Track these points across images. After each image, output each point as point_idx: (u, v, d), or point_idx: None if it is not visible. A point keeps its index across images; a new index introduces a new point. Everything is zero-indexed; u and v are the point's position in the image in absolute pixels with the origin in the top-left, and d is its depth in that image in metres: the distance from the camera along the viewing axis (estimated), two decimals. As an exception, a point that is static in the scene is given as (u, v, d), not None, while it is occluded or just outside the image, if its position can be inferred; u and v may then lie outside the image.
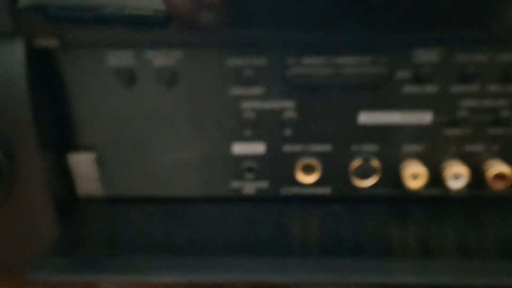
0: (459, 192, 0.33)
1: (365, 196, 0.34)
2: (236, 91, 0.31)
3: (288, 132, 0.32)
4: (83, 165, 0.34)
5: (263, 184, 0.34)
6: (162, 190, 0.34)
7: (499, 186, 0.32)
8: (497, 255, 0.30)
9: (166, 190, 0.34)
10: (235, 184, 0.34)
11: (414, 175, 0.32)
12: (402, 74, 0.30)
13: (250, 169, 0.33)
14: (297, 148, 0.32)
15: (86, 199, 0.35)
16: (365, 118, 0.31)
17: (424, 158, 0.32)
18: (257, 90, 0.31)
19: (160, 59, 0.30)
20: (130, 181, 0.34)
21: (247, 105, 0.31)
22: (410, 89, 0.30)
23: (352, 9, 0.28)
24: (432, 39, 0.29)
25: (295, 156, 0.33)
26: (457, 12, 0.28)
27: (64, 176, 0.34)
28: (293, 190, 0.34)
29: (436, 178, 0.33)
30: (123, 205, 0.35)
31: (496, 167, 0.31)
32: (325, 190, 0.34)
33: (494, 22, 0.28)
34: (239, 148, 0.33)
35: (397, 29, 0.28)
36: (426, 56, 0.29)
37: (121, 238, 0.32)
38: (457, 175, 0.32)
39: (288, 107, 0.31)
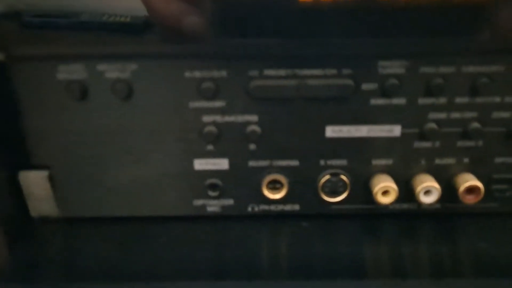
0: (431, 206, 0.33)
1: (335, 212, 0.33)
2: (196, 104, 0.29)
3: (252, 147, 0.30)
4: (35, 184, 0.32)
5: (228, 202, 0.32)
6: (121, 210, 0.32)
7: (470, 200, 0.31)
8: (471, 273, 0.29)
9: (125, 209, 0.32)
10: (198, 202, 0.32)
11: (384, 190, 0.31)
12: (368, 86, 0.29)
13: (213, 186, 0.31)
14: (262, 163, 0.31)
15: (40, 220, 0.33)
16: (332, 132, 0.30)
17: (394, 173, 0.31)
18: (218, 103, 0.29)
19: (114, 71, 0.28)
20: (87, 200, 0.32)
21: (208, 119, 0.29)
22: (378, 101, 0.29)
23: (315, 20, 0.27)
24: (398, 51, 0.28)
25: (260, 171, 0.31)
26: (422, 25, 0.27)
27: (15, 196, 0.32)
28: (260, 207, 0.32)
29: (407, 193, 0.32)
30: (80, 226, 0.33)
31: (467, 181, 0.30)
32: (293, 207, 0.32)
33: (460, 34, 0.27)
34: (201, 164, 0.31)
35: (362, 41, 0.28)
36: (392, 68, 0.28)
37: (77, 262, 0.30)
38: (428, 190, 0.31)
39: (251, 120, 0.30)
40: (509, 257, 0.29)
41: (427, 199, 0.31)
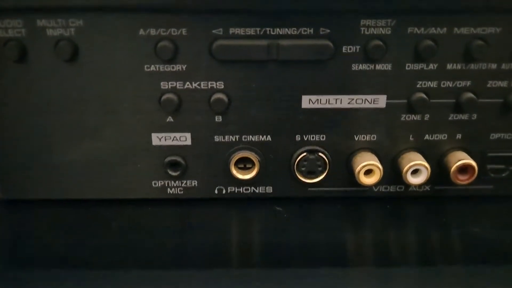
0: (420, 188, 0.29)
1: (313, 195, 0.29)
2: (153, 68, 0.26)
3: (218, 119, 0.27)
4: (-30, 162, 0.28)
5: (192, 183, 0.28)
6: (70, 192, 0.28)
7: (463, 180, 0.28)
8: (463, 259, 0.26)
9: (74, 191, 0.28)
10: (157, 183, 0.28)
11: (368, 169, 0.27)
12: (349, 49, 0.25)
13: (174, 165, 0.28)
14: (230, 138, 0.27)
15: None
16: (309, 102, 0.27)
17: (378, 150, 0.28)
18: (178, 66, 0.25)
19: (56, 28, 0.25)
20: (31, 181, 0.28)
21: (166, 85, 0.26)
22: (360, 67, 0.26)
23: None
24: (382, 8, 0.24)
25: (228, 148, 0.28)
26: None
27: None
28: (228, 189, 0.29)
29: (393, 173, 0.28)
30: (24, 210, 0.29)
31: (459, 159, 0.27)
32: (265, 189, 0.29)
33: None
34: (159, 139, 0.27)
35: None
36: (376, 28, 0.25)
37: (21, 250, 0.26)
38: (416, 169, 0.27)
39: (216, 87, 0.26)
40: (503, 243, 0.26)
41: (415, 180, 0.27)
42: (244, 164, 0.28)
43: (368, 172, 0.28)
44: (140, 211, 0.29)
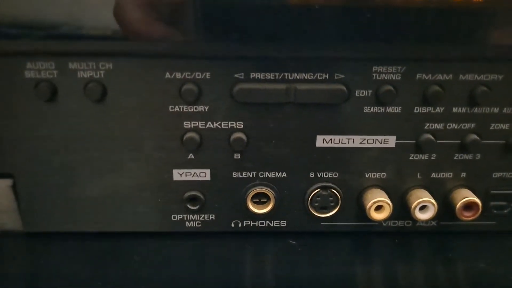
0: (427, 224, 0.31)
1: (325, 229, 0.30)
2: (177, 108, 0.27)
3: (236, 156, 0.28)
4: (-4, 194, 0.29)
5: (209, 217, 0.30)
6: (92, 225, 0.29)
7: (468, 217, 0.29)
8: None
9: (96, 224, 0.29)
10: (176, 217, 0.29)
11: (378, 205, 0.28)
12: (362, 93, 0.27)
13: (193, 199, 0.29)
14: (247, 175, 0.29)
15: (2, 235, 0.30)
16: (323, 141, 0.28)
17: (388, 187, 0.29)
18: (200, 107, 0.27)
19: (87, 71, 0.26)
20: (54, 214, 0.29)
21: (189, 124, 0.27)
22: (371, 109, 0.27)
23: (306, 21, 0.25)
24: (393, 56, 0.26)
25: (245, 184, 0.29)
26: (419, 29, 0.25)
27: (-27, 208, 0.29)
28: (244, 223, 0.30)
29: (402, 209, 0.30)
30: (46, 242, 0.30)
31: (464, 197, 0.29)
32: (280, 223, 0.30)
33: (458, 40, 0.26)
34: (180, 175, 0.28)
35: (356, 44, 0.26)
36: (387, 74, 0.26)
37: (42, 282, 0.27)
38: (424, 205, 0.29)
39: (236, 127, 0.27)
40: (508, 277, 0.27)
41: (423, 216, 0.29)
42: (259, 199, 0.30)
43: (378, 208, 0.29)
44: (159, 244, 0.30)
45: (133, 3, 0.24)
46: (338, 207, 0.29)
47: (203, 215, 0.29)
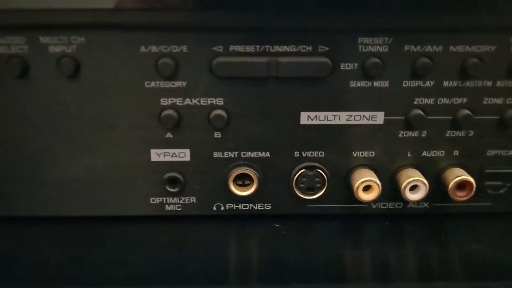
0: (419, 205, 0.29)
1: (312, 212, 0.29)
2: (153, 84, 0.26)
3: (217, 135, 0.27)
4: (-33, 178, 0.28)
5: (190, 199, 0.28)
6: (67, 209, 0.28)
7: (461, 197, 0.28)
8: (462, 277, 0.25)
9: (72, 208, 0.28)
10: (155, 200, 0.28)
11: (366, 185, 0.27)
12: (347, 66, 0.26)
13: (172, 181, 0.28)
14: (229, 155, 0.27)
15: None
16: (308, 118, 0.27)
17: (377, 166, 0.28)
18: (178, 83, 0.26)
19: (59, 45, 0.25)
20: (28, 197, 0.28)
21: (166, 101, 0.26)
22: (358, 84, 0.26)
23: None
24: (380, 27, 0.25)
25: (227, 164, 0.27)
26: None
27: None
28: (227, 206, 0.29)
29: (392, 190, 0.28)
30: (21, 227, 0.29)
31: (457, 176, 0.27)
32: (264, 206, 0.29)
33: (448, 10, 0.25)
34: (158, 155, 0.27)
35: (340, 14, 0.25)
36: (373, 46, 0.25)
37: (17, 267, 0.26)
38: (415, 185, 0.27)
39: (216, 104, 0.26)
40: (502, 260, 0.26)
41: (413, 196, 0.27)
42: (242, 180, 0.28)
43: (367, 189, 0.27)
44: (137, 228, 0.28)
45: None
46: (325, 188, 0.28)
47: (183, 198, 0.28)
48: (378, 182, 0.27)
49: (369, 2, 0.24)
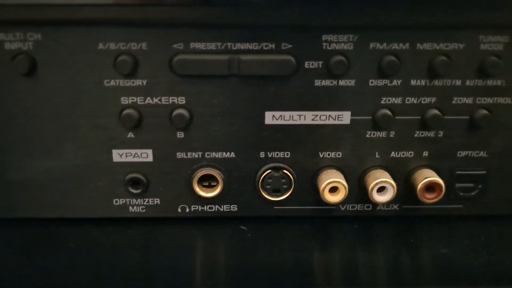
0: (388, 207, 0.28)
1: (279, 214, 0.28)
2: (112, 82, 0.25)
3: (180, 135, 0.26)
4: None
5: (154, 201, 0.28)
6: (26, 210, 0.27)
7: (430, 199, 0.27)
8: (431, 282, 0.25)
9: (31, 210, 0.27)
10: (119, 201, 0.27)
11: (332, 186, 0.26)
12: (312, 64, 0.25)
13: (135, 182, 0.27)
14: (192, 155, 0.27)
15: None
16: (273, 118, 0.26)
17: (344, 167, 0.27)
18: (138, 81, 0.25)
19: (14, 42, 0.24)
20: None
21: (127, 100, 0.25)
22: (323, 83, 0.25)
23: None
24: (344, 24, 0.24)
25: (191, 165, 0.27)
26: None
27: None
28: (192, 208, 0.28)
29: (360, 191, 0.28)
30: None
31: (426, 177, 0.26)
32: (230, 207, 0.28)
33: (414, 5, 0.24)
34: (120, 156, 0.26)
35: (304, 11, 0.24)
36: (338, 43, 0.25)
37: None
38: (382, 187, 0.27)
39: (177, 103, 0.25)
40: (472, 264, 0.25)
41: (381, 198, 0.27)
42: (209, 182, 0.28)
43: (334, 190, 0.27)
44: (99, 231, 0.27)
45: None
46: (291, 189, 0.27)
47: (147, 199, 0.27)
48: (345, 183, 0.26)
49: (332, -1, 0.24)
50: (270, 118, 0.26)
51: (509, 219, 0.29)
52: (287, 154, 0.27)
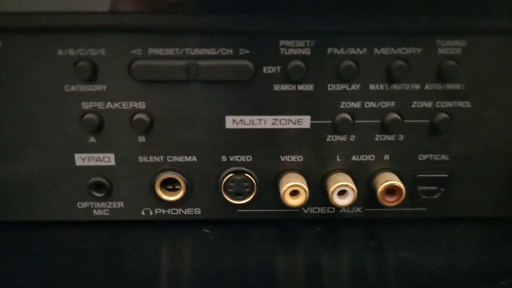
0: (351, 210, 0.29)
1: (242, 217, 0.29)
2: (73, 88, 0.25)
3: (141, 139, 0.26)
4: None
5: (118, 204, 0.28)
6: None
7: (391, 202, 0.27)
8: (394, 284, 0.25)
9: (-3, 213, 0.28)
10: (83, 205, 0.28)
11: (293, 190, 0.27)
12: (270, 69, 0.25)
13: (98, 186, 0.27)
14: (154, 159, 0.27)
15: None
16: (233, 122, 0.26)
17: (306, 171, 0.27)
18: (98, 86, 0.25)
19: None
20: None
21: (87, 105, 0.26)
22: (282, 87, 0.26)
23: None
24: (301, 29, 0.24)
25: (153, 169, 0.27)
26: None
27: None
28: (156, 211, 0.28)
29: (323, 195, 0.28)
30: None
31: (386, 180, 0.27)
32: (194, 211, 0.28)
33: (371, 11, 0.24)
34: (83, 160, 0.27)
35: (261, 16, 0.24)
36: (295, 48, 0.25)
37: None
38: (343, 190, 0.27)
39: (138, 108, 0.26)
40: (430, 267, 0.25)
41: (342, 201, 0.27)
42: (173, 185, 0.28)
43: (295, 193, 0.27)
44: (64, 234, 0.28)
45: None
46: (254, 193, 0.27)
47: (110, 203, 0.28)
48: (305, 187, 0.27)
49: (289, 3, 0.24)
50: (231, 122, 0.26)
51: (472, 221, 0.29)
52: (249, 158, 0.27)
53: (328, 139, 0.27)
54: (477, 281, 0.25)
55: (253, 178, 0.27)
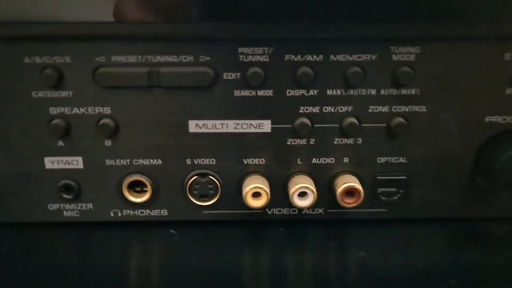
0: (314, 211, 0.29)
1: (208, 218, 0.29)
2: (40, 94, 0.26)
3: (108, 143, 0.27)
4: None
5: (87, 206, 0.29)
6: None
7: (349, 203, 0.28)
8: (345, 285, 0.26)
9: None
10: (53, 206, 0.29)
11: (254, 191, 0.27)
12: (229, 75, 0.26)
13: (67, 188, 0.28)
14: (121, 162, 0.28)
15: None
16: (196, 126, 0.27)
17: (268, 173, 0.28)
18: (64, 93, 0.26)
19: None
20: None
21: (55, 111, 0.27)
22: (242, 93, 0.27)
23: (168, 1, 0.24)
24: (259, 36, 0.25)
25: (120, 171, 0.28)
26: (285, 7, 0.24)
27: None
28: (124, 213, 0.29)
29: (286, 196, 0.28)
30: None
31: (344, 183, 0.28)
32: (161, 212, 0.29)
33: (327, 19, 0.25)
34: (52, 163, 0.28)
35: (220, 24, 0.25)
36: (253, 55, 0.26)
37: None
38: (303, 192, 0.28)
39: (103, 113, 0.27)
40: (383, 266, 0.26)
41: (302, 203, 0.28)
42: (141, 187, 0.29)
43: (257, 195, 0.28)
44: (35, 234, 0.29)
45: None
46: (218, 194, 0.28)
47: (80, 204, 0.29)
48: (267, 189, 0.27)
49: (247, 11, 0.25)
50: (194, 126, 0.27)
51: (431, 222, 0.30)
52: (213, 161, 0.28)
53: (288, 143, 0.28)
54: (426, 281, 0.25)
55: (217, 180, 0.28)
